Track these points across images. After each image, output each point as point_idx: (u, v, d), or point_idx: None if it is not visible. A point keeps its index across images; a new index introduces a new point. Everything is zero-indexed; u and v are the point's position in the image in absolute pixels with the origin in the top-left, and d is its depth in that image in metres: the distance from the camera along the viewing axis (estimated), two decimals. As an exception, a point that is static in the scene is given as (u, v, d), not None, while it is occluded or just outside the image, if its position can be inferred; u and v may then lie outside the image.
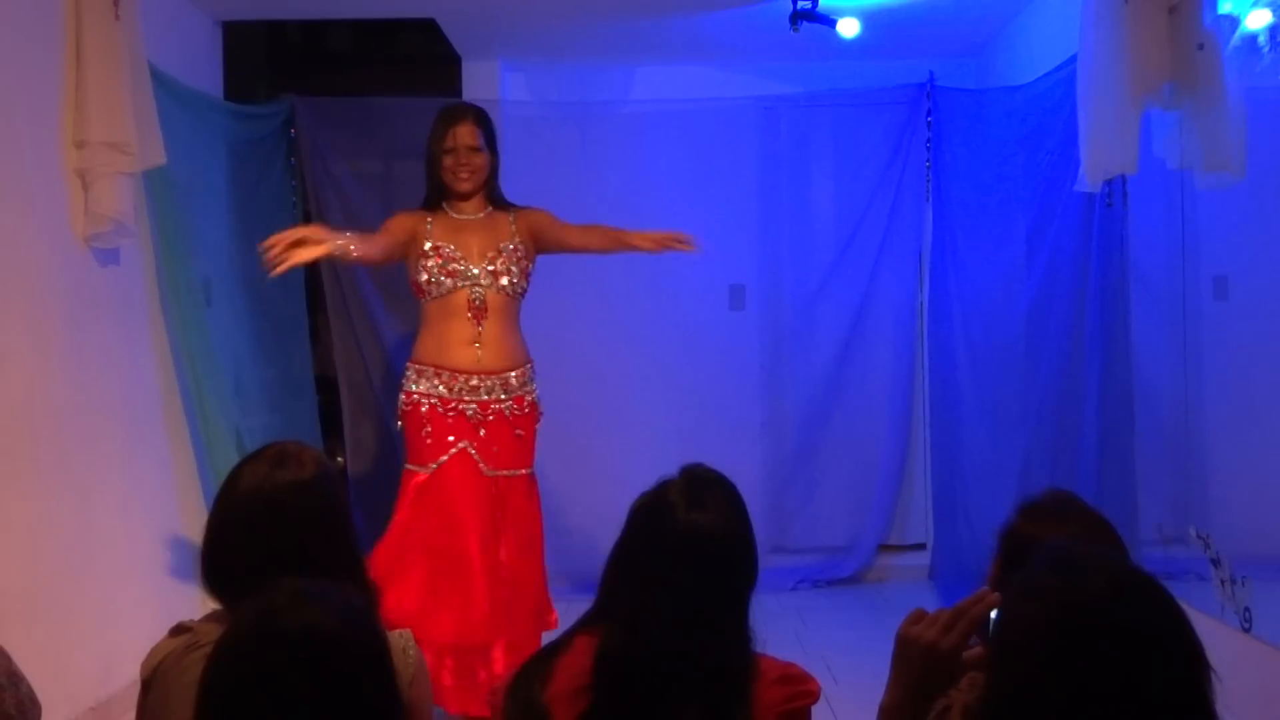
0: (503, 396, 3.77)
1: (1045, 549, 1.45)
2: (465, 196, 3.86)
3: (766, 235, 5.68)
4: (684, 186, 5.63)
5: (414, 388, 3.78)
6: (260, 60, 6.19)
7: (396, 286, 5.52)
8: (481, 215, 3.87)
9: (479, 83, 5.69)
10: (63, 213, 3.68)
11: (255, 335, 4.98)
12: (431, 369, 3.76)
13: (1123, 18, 3.42)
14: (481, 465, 3.73)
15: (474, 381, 3.75)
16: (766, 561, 6.05)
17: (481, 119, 3.87)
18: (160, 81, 4.06)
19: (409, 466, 3.79)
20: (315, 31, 6.44)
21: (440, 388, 3.75)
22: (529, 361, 3.90)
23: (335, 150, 5.43)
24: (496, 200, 3.91)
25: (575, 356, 5.40)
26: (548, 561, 3.95)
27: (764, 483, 5.66)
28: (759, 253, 5.66)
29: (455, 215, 3.86)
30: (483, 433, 3.74)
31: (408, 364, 3.85)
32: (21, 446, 3.43)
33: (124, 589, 3.95)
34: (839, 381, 5.69)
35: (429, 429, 3.73)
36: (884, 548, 5.71)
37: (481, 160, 3.84)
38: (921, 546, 5.75)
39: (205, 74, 4.91)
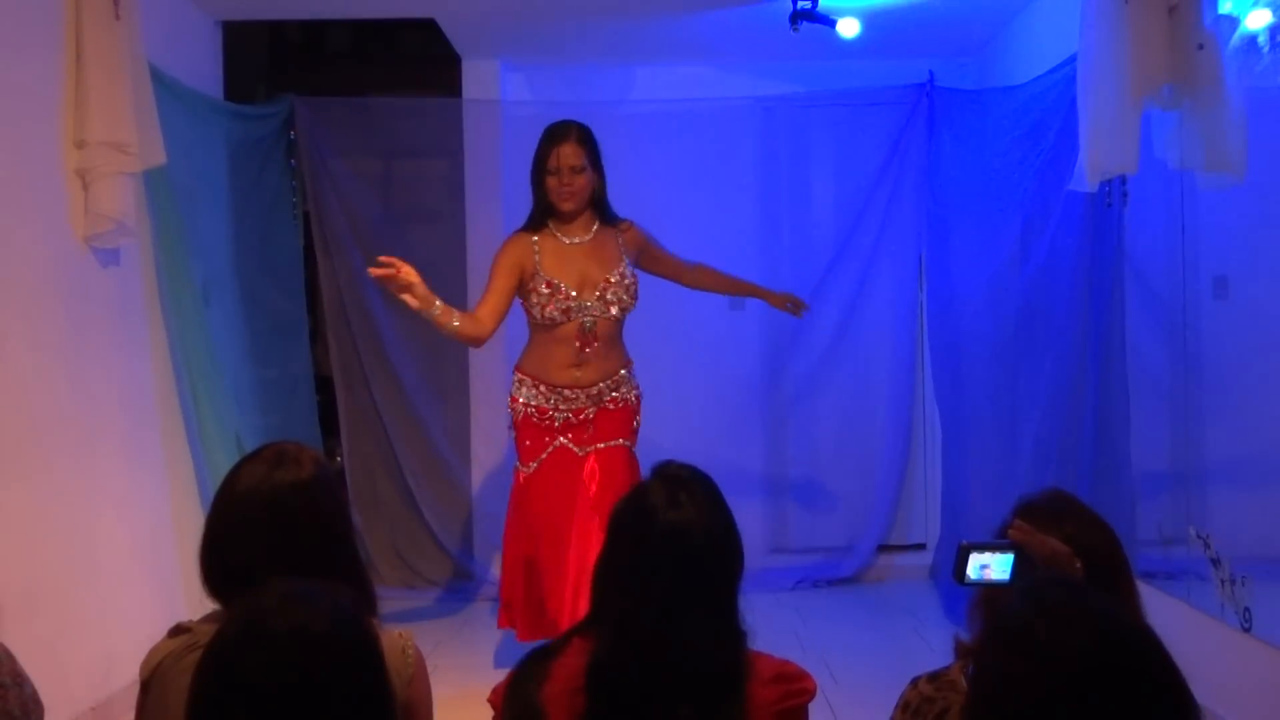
0: (593, 404, 3.99)
1: (1025, 590, 1.43)
2: (570, 217, 3.96)
3: (766, 235, 5.68)
4: (684, 186, 5.63)
5: (516, 393, 4.03)
6: (260, 60, 6.18)
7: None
8: (589, 238, 3.99)
9: (479, 83, 5.69)
10: (63, 213, 3.68)
11: (254, 335, 4.98)
12: (531, 380, 4.00)
13: (1123, 18, 3.41)
14: (575, 449, 3.97)
15: (568, 394, 3.97)
16: (766, 561, 6.06)
17: (585, 137, 3.96)
18: (160, 81, 4.06)
19: (517, 465, 4.08)
20: (315, 31, 6.42)
21: (539, 398, 3.98)
22: (625, 365, 4.07)
23: (335, 150, 5.43)
24: (603, 216, 4.04)
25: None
26: None
27: (764, 483, 5.66)
28: (759, 253, 5.66)
29: (563, 239, 3.97)
30: (575, 422, 3.98)
31: (515, 369, 4.08)
32: (21, 446, 3.43)
33: (124, 589, 3.95)
34: (839, 381, 5.69)
35: (524, 434, 4.01)
36: (884, 548, 5.71)
37: (585, 180, 3.93)
38: (921, 546, 5.75)
39: (205, 74, 4.91)
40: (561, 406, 3.97)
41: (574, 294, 3.91)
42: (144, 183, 4.04)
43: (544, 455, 3.99)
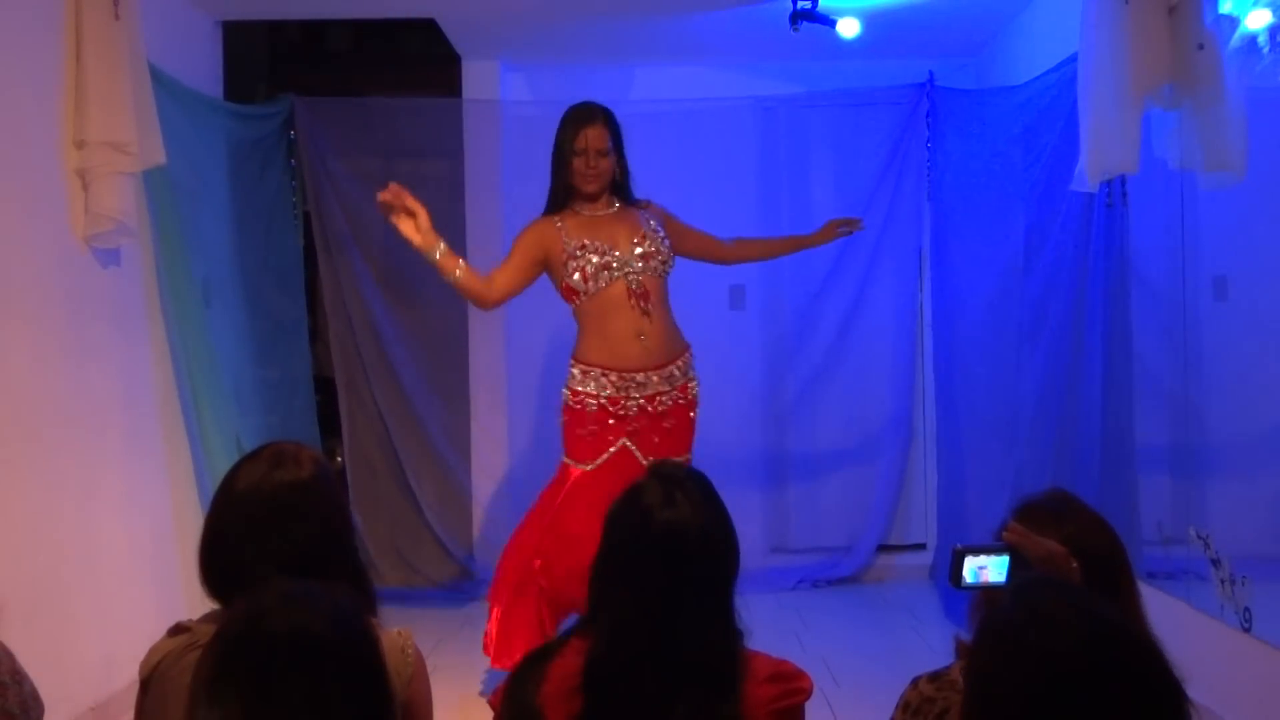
0: (666, 389, 3.89)
1: (1013, 591, 1.44)
2: (592, 198, 3.94)
3: (766, 235, 5.67)
4: (683, 187, 5.60)
5: (581, 387, 3.86)
6: (260, 60, 6.19)
7: (396, 286, 5.53)
8: (612, 211, 3.97)
9: (479, 83, 5.69)
10: (63, 213, 3.68)
11: (254, 335, 4.98)
12: (599, 369, 3.85)
13: (1123, 18, 3.41)
14: (640, 458, 3.82)
15: (640, 378, 3.85)
16: (766, 561, 6.05)
17: (610, 120, 3.96)
18: (160, 81, 4.06)
19: (566, 460, 3.91)
20: (315, 31, 6.42)
21: (609, 389, 3.85)
22: (688, 349, 4.02)
23: (335, 150, 5.43)
24: (625, 197, 4.02)
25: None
26: None
27: (764, 482, 5.66)
28: (759, 253, 5.65)
29: (586, 213, 3.94)
30: (645, 423, 3.86)
31: (572, 363, 3.92)
32: (21, 446, 3.43)
33: (124, 589, 3.95)
34: (839, 381, 5.69)
35: (593, 428, 3.84)
36: (884, 548, 5.71)
37: (609, 163, 3.93)
38: (921, 546, 5.74)
39: (205, 74, 4.91)
40: (635, 394, 3.84)
41: (609, 248, 3.84)
42: (144, 183, 4.04)
43: (604, 457, 3.83)
